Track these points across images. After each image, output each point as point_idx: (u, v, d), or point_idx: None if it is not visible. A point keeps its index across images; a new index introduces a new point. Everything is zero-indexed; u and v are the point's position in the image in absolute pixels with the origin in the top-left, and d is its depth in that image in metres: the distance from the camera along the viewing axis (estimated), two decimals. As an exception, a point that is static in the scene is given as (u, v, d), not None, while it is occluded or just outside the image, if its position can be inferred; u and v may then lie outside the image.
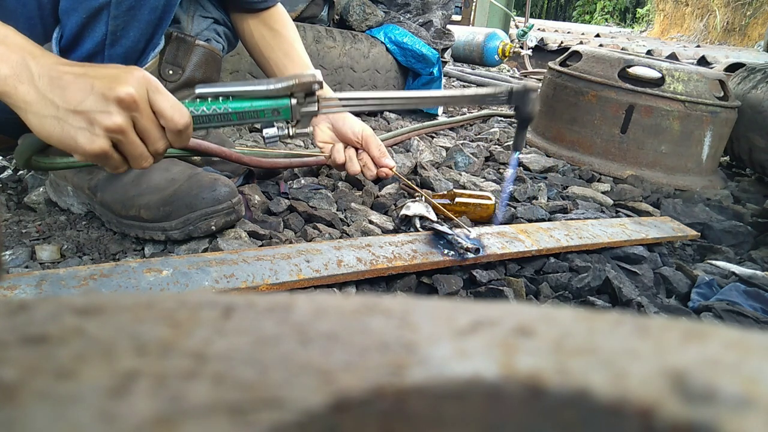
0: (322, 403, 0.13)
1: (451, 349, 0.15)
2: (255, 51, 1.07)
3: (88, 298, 0.17)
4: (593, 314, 0.18)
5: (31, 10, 0.75)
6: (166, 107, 0.63)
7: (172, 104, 0.64)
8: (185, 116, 0.65)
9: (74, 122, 0.59)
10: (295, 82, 0.70)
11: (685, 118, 1.64)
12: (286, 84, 0.70)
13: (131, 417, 0.12)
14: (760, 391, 0.13)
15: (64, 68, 0.60)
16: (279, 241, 0.93)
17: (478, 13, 5.89)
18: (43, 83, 0.59)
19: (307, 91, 0.72)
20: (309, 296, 0.18)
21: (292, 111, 0.72)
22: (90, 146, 0.60)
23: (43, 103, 0.59)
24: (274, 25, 1.06)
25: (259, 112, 0.70)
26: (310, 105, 0.73)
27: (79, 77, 0.59)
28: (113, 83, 0.59)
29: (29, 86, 0.58)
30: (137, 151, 0.64)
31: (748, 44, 7.66)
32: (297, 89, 0.71)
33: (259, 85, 0.70)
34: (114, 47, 0.79)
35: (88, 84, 0.59)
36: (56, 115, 0.59)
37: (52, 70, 0.59)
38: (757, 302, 0.95)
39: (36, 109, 0.59)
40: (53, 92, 0.59)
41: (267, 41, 1.05)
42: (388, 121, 2.06)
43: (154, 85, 0.63)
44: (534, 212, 1.23)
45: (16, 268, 0.79)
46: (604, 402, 0.13)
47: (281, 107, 0.71)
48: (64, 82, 0.59)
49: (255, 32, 1.06)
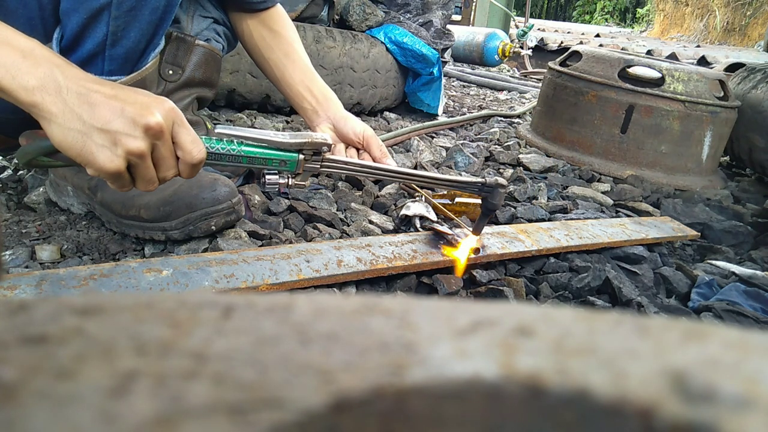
0: (322, 403, 0.13)
1: (451, 349, 0.15)
2: (254, 52, 1.07)
3: (88, 298, 0.17)
4: (593, 314, 0.18)
5: (31, 10, 0.75)
6: (187, 141, 0.66)
7: (193, 139, 0.67)
8: (202, 153, 0.68)
9: (98, 139, 0.61)
10: (308, 140, 0.76)
11: (685, 118, 1.64)
12: (299, 141, 0.76)
13: (131, 417, 0.12)
14: (760, 391, 0.13)
15: (93, 86, 0.62)
16: (279, 241, 0.93)
17: (478, 13, 5.89)
18: (71, 97, 0.60)
19: (316, 150, 0.77)
20: (309, 296, 0.18)
21: (298, 165, 0.77)
22: (108, 165, 0.62)
23: (69, 116, 0.60)
24: (273, 26, 1.06)
25: (268, 160, 0.75)
26: (314, 162, 0.78)
27: (110, 99, 0.62)
28: (144, 111, 0.62)
29: (56, 97, 0.60)
30: (148, 175, 0.66)
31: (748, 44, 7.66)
32: (308, 147, 0.76)
33: (275, 137, 0.75)
34: (115, 47, 0.79)
35: (118, 107, 0.61)
36: (81, 129, 0.61)
37: (81, 86, 0.61)
38: (757, 302, 0.95)
39: (61, 121, 0.60)
40: (81, 107, 0.60)
41: (267, 42, 1.05)
42: (388, 121, 2.06)
43: (179, 119, 0.66)
44: (534, 212, 1.23)
45: (16, 268, 0.79)
46: (604, 402, 0.13)
47: (289, 160, 0.76)
48: (93, 100, 0.61)
49: (254, 33, 1.05)
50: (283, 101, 1.81)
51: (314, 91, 1.04)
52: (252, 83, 1.73)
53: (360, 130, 0.99)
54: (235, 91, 1.73)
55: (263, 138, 0.74)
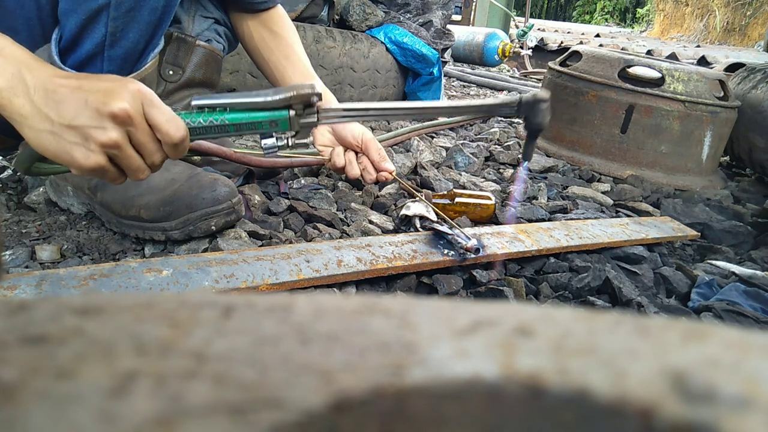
0: (322, 403, 0.13)
1: (451, 349, 0.15)
2: (254, 53, 1.07)
3: (88, 298, 0.17)
4: (593, 314, 0.18)
5: (29, 11, 0.75)
6: (162, 121, 0.63)
7: (168, 117, 0.63)
8: (181, 129, 0.64)
9: (69, 137, 0.59)
10: (293, 93, 0.69)
11: (685, 118, 1.64)
12: (283, 96, 0.69)
13: (131, 417, 0.12)
14: (760, 391, 0.13)
15: (59, 81, 0.59)
16: (279, 241, 0.93)
17: (478, 13, 5.89)
18: (38, 96, 0.58)
19: (306, 102, 0.71)
20: (309, 296, 0.18)
21: (291, 122, 0.71)
22: (86, 162, 0.60)
23: (38, 117, 0.58)
24: (273, 27, 1.05)
25: (256, 123, 0.70)
26: (309, 116, 0.72)
27: (74, 91, 0.59)
28: (107, 98, 0.59)
29: (24, 99, 0.58)
30: (134, 164, 0.64)
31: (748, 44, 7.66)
32: (295, 101, 0.70)
33: (256, 97, 0.69)
34: (113, 48, 0.78)
35: (82, 98, 0.59)
36: (51, 129, 0.59)
37: (48, 82, 0.59)
38: (757, 302, 0.95)
39: (31, 123, 0.58)
40: (48, 106, 0.58)
41: (266, 43, 1.04)
42: (388, 120, 2.06)
43: (149, 98, 0.62)
44: (534, 212, 1.23)
45: (16, 268, 0.79)
46: (604, 402, 0.13)
47: (279, 119, 0.70)
48: (58, 96, 0.58)
49: (255, 34, 1.05)
50: (283, 101, 1.81)
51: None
52: (252, 83, 1.73)
53: (359, 133, 0.99)
54: (235, 91, 1.73)
55: (245, 101, 0.68)
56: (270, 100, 0.69)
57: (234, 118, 0.68)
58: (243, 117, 0.69)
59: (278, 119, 0.70)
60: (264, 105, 0.69)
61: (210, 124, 0.68)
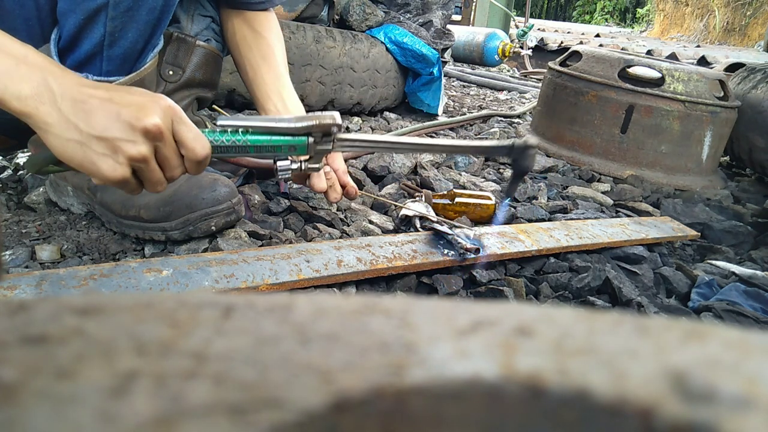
0: (322, 403, 0.13)
1: (451, 349, 0.15)
2: (234, 50, 1.05)
3: (88, 298, 0.17)
4: (593, 314, 0.18)
5: (28, 11, 0.75)
6: (189, 138, 0.64)
7: (195, 135, 0.64)
8: (206, 148, 0.66)
9: (97, 148, 0.59)
10: (315, 122, 0.72)
11: (685, 118, 1.64)
12: (306, 124, 0.72)
13: (131, 417, 0.12)
14: (760, 391, 0.13)
15: (88, 90, 0.59)
16: (279, 241, 0.93)
17: (478, 13, 5.89)
18: (66, 105, 0.58)
19: (326, 132, 0.74)
20: (309, 296, 0.18)
21: (308, 148, 0.74)
22: (112, 174, 0.61)
23: (65, 126, 0.58)
24: (257, 27, 1.04)
25: (276, 147, 0.72)
26: (325, 144, 0.75)
27: (105, 103, 0.59)
28: (140, 113, 0.59)
29: (51, 107, 0.58)
30: (155, 177, 0.65)
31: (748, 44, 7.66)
32: (316, 129, 0.73)
33: (279, 122, 0.71)
34: (112, 48, 0.79)
35: (114, 111, 0.59)
36: (79, 139, 0.59)
37: (76, 92, 0.59)
38: (757, 302, 0.95)
39: (58, 132, 0.58)
40: (77, 116, 0.58)
41: (247, 41, 1.03)
42: (388, 121, 2.06)
43: (178, 116, 0.63)
44: (534, 212, 1.23)
45: (16, 268, 0.79)
46: (604, 402, 0.13)
47: (298, 144, 0.73)
48: (88, 107, 0.59)
49: (237, 32, 1.04)
50: (283, 101, 1.81)
51: (283, 96, 1.01)
52: (252, 83, 1.73)
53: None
54: (235, 91, 1.73)
55: (268, 125, 0.71)
56: (293, 126, 0.72)
57: (255, 140, 0.71)
58: (264, 140, 0.71)
59: (297, 145, 0.73)
60: (286, 130, 0.72)
61: (232, 144, 0.70)
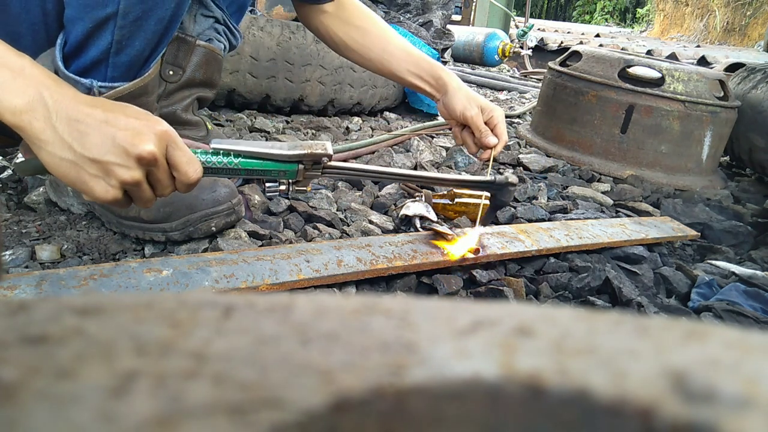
0: (322, 403, 0.13)
1: (451, 349, 0.15)
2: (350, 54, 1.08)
3: (88, 298, 0.17)
4: (593, 314, 0.18)
5: (35, 16, 0.75)
6: (183, 162, 0.64)
7: (188, 159, 0.65)
8: (198, 172, 0.66)
9: (90, 170, 0.59)
10: (307, 152, 0.74)
11: (685, 118, 1.64)
12: (299, 152, 0.74)
13: (131, 417, 0.12)
14: (760, 391, 0.13)
15: (84, 109, 0.59)
16: (279, 241, 0.93)
17: (478, 13, 5.89)
18: (61, 124, 0.58)
19: (316, 161, 0.76)
20: (309, 296, 0.18)
21: (298, 174, 0.76)
22: (104, 195, 0.61)
23: (59, 144, 0.58)
24: (356, 22, 1.05)
25: (267, 171, 0.74)
26: (314, 170, 0.78)
27: (101, 125, 0.59)
28: (135, 139, 0.59)
29: (45, 124, 0.57)
30: (146, 196, 0.65)
31: (748, 44, 7.66)
32: (307, 158, 0.75)
33: (272, 149, 0.73)
34: (119, 56, 0.78)
35: (110, 134, 0.59)
36: (73, 159, 0.58)
37: (72, 109, 0.58)
38: (757, 302, 0.95)
39: (51, 149, 0.58)
40: (71, 135, 0.58)
41: (359, 43, 1.06)
42: (388, 121, 2.06)
43: (173, 141, 0.63)
44: (534, 212, 1.23)
45: (16, 268, 0.79)
46: (604, 402, 0.13)
47: (289, 170, 0.75)
48: (83, 127, 0.58)
49: (338, 32, 1.05)
50: (283, 101, 1.81)
51: (424, 76, 1.06)
52: (252, 83, 1.73)
53: (459, 110, 1.02)
54: (235, 91, 1.73)
55: (261, 152, 0.73)
56: (285, 154, 0.74)
57: (247, 164, 0.73)
58: (256, 164, 0.73)
59: (287, 170, 0.75)
60: (278, 158, 0.74)
61: (223, 167, 0.71)
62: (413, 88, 1.09)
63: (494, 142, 1.00)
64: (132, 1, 0.74)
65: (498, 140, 1.01)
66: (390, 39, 1.07)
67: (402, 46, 1.07)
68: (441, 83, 1.05)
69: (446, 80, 1.05)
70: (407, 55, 1.06)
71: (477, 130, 1.00)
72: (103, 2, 0.73)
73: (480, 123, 1.00)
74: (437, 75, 1.06)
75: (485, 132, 1.00)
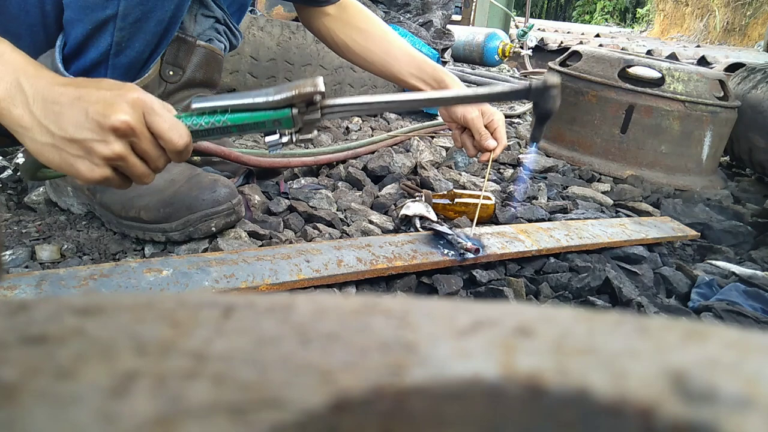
0: (322, 403, 0.13)
1: (451, 349, 0.15)
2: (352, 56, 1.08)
3: (88, 298, 0.17)
4: (593, 314, 0.18)
5: (33, 17, 0.75)
6: (164, 128, 0.61)
7: (170, 125, 0.62)
8: (184, 136, 0.63)
9: (72, 150, 0.58)
10: (295, 93, 0.68)
11: (685, 118, 1.64)
12: (285, 95, 0.68)
13: (131, 417, 0.12)
14: (760, 391, 0.13)
15: (58, 90, 0.57)
16: (279, 241, 0.93)
17: (478, 13, 5.89)
18: (37, 108, 0.56)
19: (309, 101, 0.70)
20: (309, 296, 0.18)
21: (294, 120, 0.70)
22: (91, 174, 0.59)
23: (38, 129, 0.57)
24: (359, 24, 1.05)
25: (259, 123, 0.69)
26: (312, 113, 0.71)
27: (74, 102, 0.57)
28: (107, 110, 0.57)
29: (23, 110, 0.56)
30: (138, 171, 0.63)
31: (748, 44, 7.66)
32: (297, 99, 0.69)
33: (257, 97, 0.68)
34: (118, 57, 0.78)
35: (82, 110, 0.57)
36: (53, 142, 0.57)
37: (47, 90, 0.57)
38: (757, 302, 0.95)
39: (32, 135, 0.57)
40: (48, 118, 0.56)
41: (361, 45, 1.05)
42: (388, 121, 2.06)
43: (149, 106, 0.60)
44: (534, 212, 1.23)
45: (16, 268, 0.79)
46: (604, 402, 0.13)
47: (282, 118, 0.70)
48: (58, 108, 0.57)
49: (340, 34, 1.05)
50: (283, 101, 1.81)
51: (426, 79, 1.07)
52: (252, 83, 1.73)
53: (460, 113, 1.02)
54: (235, 91, 1.73)
55: (245, 102, 0.68)
56: (271, 100, 0.68)
57: (236, 119, 0.68)
58: (245, 117, 0.68)
59: (281, 118, 0.70)
60: (266, 105, 0.68)
61: (212, 126, 0.67)
62: (415, 90, 1.09)
63: (493, 146, 1.01)
64: (132, 3, 0.74)
65: (497, 144, 1.01)
66: (392, 42, 1.07)
67: (404, 48, 1.07)
68: (443, 86, 1.06)
69: (448, 83, 1.06)
70: (409, 58, 1.07)
71: (477, 133, 1.01)
72: (102, 4, 0.73)
73: (480, 126, 1.00)
74: (439, 78, 1.06)
75: (485, 135, 1.00)
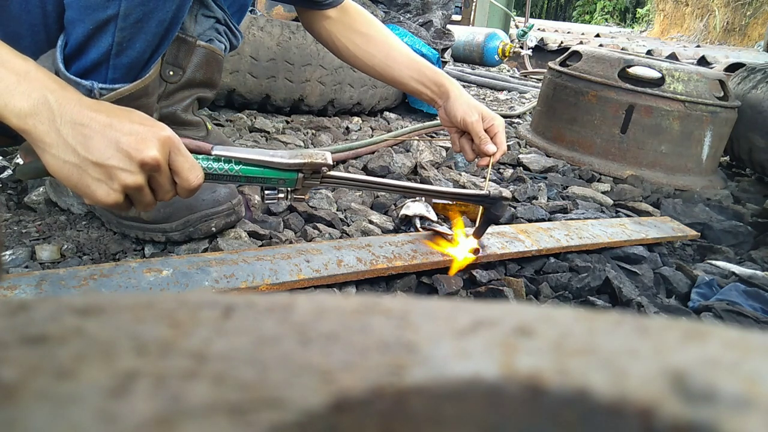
0: (322, 403, 0.13)
1: (451, 349, 0.15)
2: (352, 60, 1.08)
3: (88, 298, 0.17)
4: (593, 314, 0.18)
5: (35, 17, 0.75)
6: (185, 168, 0.65)
7: (190, 166, 0.65)
8: (200, 178, 0.67)
9: (93, 173, 0.60)
10: (307, 161, 0.75)
11: (685, 118, 1.64)
12: (298, 161, 0.75)
13: (131, 417, 0.12)
14: (760, 391, 0.13)
15: (88, 113, 0.59)
16: (279, 241, 0.93)
17: (478, 13, 5.89)
18: (65, 128, 0.58)
19: (315, 170, 0.77)
20: (309, 296, 0.18)
21: (297, 182, 0.77)
22: (106, 198, 0.61)
23: (63, 148, 0.58)
24: (360, 28, 1.05)
25: (267, 179, 0.75)
26: (313, 179, 0.78)
27: (105, 129, 0.59)
28: (140, 144, 0.60)
29: (49, 127, 0.58)
30: (146, 200, 0.65)
31: (748, 44, 7.66)
32: (306, 168, 0.76)
33: (272, 157, 0.74)
34: (119, 57, 0.78)
35: (113, 139, 0.59)
36: (76, 163, 0.59)
37: (76, 113, 0.59)
38: (757, 302, 0.95)
39: (55, 152, 0.59)
40: (75, 139, 0.58)
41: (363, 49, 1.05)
42: (388, 121, 2.06)
43: (176, 146, 0.64)
44: (534, 212, 1.23)
45: (16, 268, 0.79)
46: (604, 402, 0.13)
47: (288, 179, 0.76)
48: (87, 131, 0.59)
49: (341, 37, 1.05)
50: (283, 101, 1.81)
51: (426, 83, 1.07)
52: (252, 83, 1.73)
53: (460, 116, 1.02)
54: (235, 91, 1.73)
55: (261, 159, 0.74)
56: (285, 162, 0.75)
57: (247, 171, 0.73)
58: (257, 171, 0.74)
59: (287, 179, 0.76)
60: (279, 166, 0.75)
61: (224, 173, 0.72)
62: (415, 94, 1.09)
63: (493, 150, 1.00)
64: (133, 3, 0.74)
65: (497, 149, 1.01)
66: (393, 45, 1.07)
67: (405, 52, 1.07)
68: (443, 90, 1.06)
69: (448, 87, 1.06)
70: (410, 62, 1.07)
71: (476, 137, 1.00)
72: (103, 4, 0.72)
73: (480, 130, 1.00)
74: (440, 82, 1.06)
75: (485, 139, 1.00)
